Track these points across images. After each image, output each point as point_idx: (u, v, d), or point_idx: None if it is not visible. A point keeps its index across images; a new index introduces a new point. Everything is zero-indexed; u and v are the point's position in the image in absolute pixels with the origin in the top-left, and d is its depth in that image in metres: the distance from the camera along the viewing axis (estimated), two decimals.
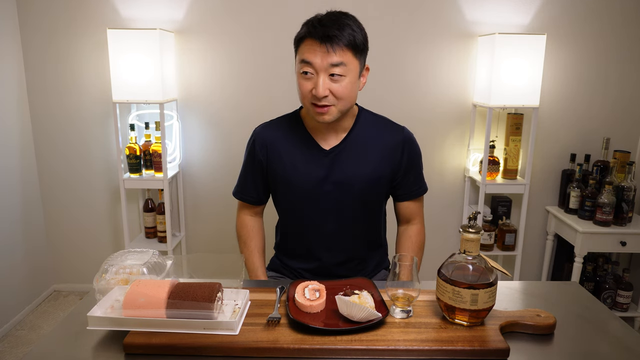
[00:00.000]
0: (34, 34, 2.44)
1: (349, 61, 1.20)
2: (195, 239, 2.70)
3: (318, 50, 1.18)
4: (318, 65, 1.19)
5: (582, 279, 2.39)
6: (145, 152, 2.38)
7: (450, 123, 2.53)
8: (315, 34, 1.18)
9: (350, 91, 1.23)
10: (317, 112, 1.24)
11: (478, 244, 0.99)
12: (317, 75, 1.20)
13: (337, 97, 1.22)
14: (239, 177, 1.47)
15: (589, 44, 2.42)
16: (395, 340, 0.94)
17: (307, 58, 1.20)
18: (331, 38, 1.17)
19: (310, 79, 1.21)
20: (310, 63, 1.19)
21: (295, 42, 1.27)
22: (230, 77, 2.48)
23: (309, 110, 1.26)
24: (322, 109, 1.23)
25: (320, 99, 1.21)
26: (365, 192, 1.35)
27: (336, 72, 1.19)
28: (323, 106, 1.22)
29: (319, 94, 1.20)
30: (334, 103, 1.22)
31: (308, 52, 1.20)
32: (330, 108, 1.23)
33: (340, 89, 1.21)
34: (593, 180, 2.28)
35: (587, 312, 1.12)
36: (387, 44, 2.41)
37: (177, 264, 1.24)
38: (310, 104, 1.24)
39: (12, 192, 2.42)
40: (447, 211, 2.63)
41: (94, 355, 0.93)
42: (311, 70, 1.20)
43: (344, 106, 1.25)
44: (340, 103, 1.23)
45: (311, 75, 1.21)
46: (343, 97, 1.22)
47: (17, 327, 2.40)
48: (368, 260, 1.47)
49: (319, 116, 1.24)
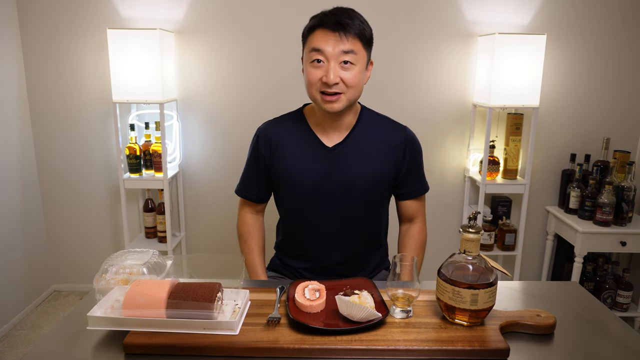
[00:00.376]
0: (34, 34, 2.44)
1: (359, 50, 1.23)
2: (195, 239, 2.70)
3: (331, 37, 1.20)
4: (329, 53, 1.21)
5: (582, 279, 2.39)
6: (145, 152, 2.38)
7: (450, 123, 2.53)
8: (327, 22, 1.21)
9: (359, 80, 1.25)
10: (326, 100, 1.24)
11: (478, 244, 0.99)
12: (328, 63, 1.21)
13: (347, 85, 1.23)
14: (242, 175, 1.47)
15: (589, 44, 2.42)
16: (395, 340, 0.94)
17: (319, 46, 1.21)
18: (343, 26, 1.20)
19: (321, 67, 1.23)
20: (322, 50, 1.21)
21: (305, 34, 1.28)
22: (230, 77, 2.48)
23: (317, 100, 1.26)
24: (332, 97, 1.23)
25: (331, 86, 1.22)
26: (366, 190, 1.35)
27: (347, 59, 1.21)
28: (333, 94, 1.23)
29: (330, 81, 1.21)
30: (343, 91, 1.24)
31: (319, 40, 1.22)
32: (340, 96, 1.24)
33: (350, 77, 1.22)
34: (593, 180, 2.28)
35: (587, 312, 1.12)
36: (387, 44, 2.41)
37: (177, 264, 1.24)
38: (318, 93, 1.25)
39: (12, 192, 2.42)
40: (447, 211, 2.63)
41: (94, 355, 0.93)
42: (322, 57, 1.22)
43: (353, 95, 1.26)
44: (350, 92, 1.24)
45: (322, 63, 1.22)
46: (352, 85, 1.24)
47: (17, 327, 2.40)
48: (368, 260, 1.47)
49: (328, 104, 1.25)
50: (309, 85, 1.26)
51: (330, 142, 1.35)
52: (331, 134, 1.35)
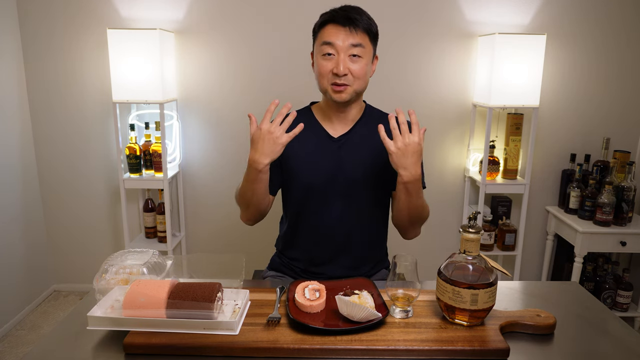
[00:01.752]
0: (34, 34, 2.44)
1: (366, 44, 1.33)
2: (195, 239, 2.70)
3: (341, 31, 1.30)
4: (339, 46, 1.30)
5: (582, 279, 2.39)
6: (145, 152, 2.38)
7: (450, 123, 2.53)
8: (337, 18, 1.31)
9: (366, 72, 1.34)
10: (335, 90, 1.33)
11: (478, 244, 0.99)
12: (338, 55, 1.30)
13: (355, 77, 1.32)
14: None
15: (589, 44, 2.42)
16: (395, 340, 0.94)
17: (330, 39, 1.31)
18: (353, 20, 1.30)
19: (331, 60, 1.31)
20: (332, 44, 1.30)
21: (316, 29, 1.37)
22: (230, 77, 2.48)
23: (327, 90, 1.34)
24: (340, 87, 1.32)
25: (341, 76, 1.30)
26: (369, 178, 1.39)
27: (356, 53, 1.30)
28: (342, 84, 1.31)
29: (339, 72, 1.29)
30: (351, 83, 1.32)
31: (330, 34, 1.31)
32: (347, 87, 1.32)
33: (358, 69, 1.31)
34: (593, 180, 2.28)
35: (587, 312, 1.12)
36: (387, 44, 2.40)
37: (177, 264, 1.25)
38: (329, 84, 1.33)
39: (12, 192, 2.42)
40: (447, 211, 2.63)
41: (94, 355, 0.93)
42: (333, 50, 1.31)
43: (359, 86, 1.34)
44: (356, 83, 1.33)
45: (332, 56, 1.31)
46: (359, 77, 1.33)
47: (17, 327, 2.40)
48: (368, 260, 1.48)
49: (336, 94, 1.33)
50: (320, 77, 1.34)
51: (336, 133, 1.42)
52: (337, 126, 1.42)
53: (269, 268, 1.57)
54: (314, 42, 1.38)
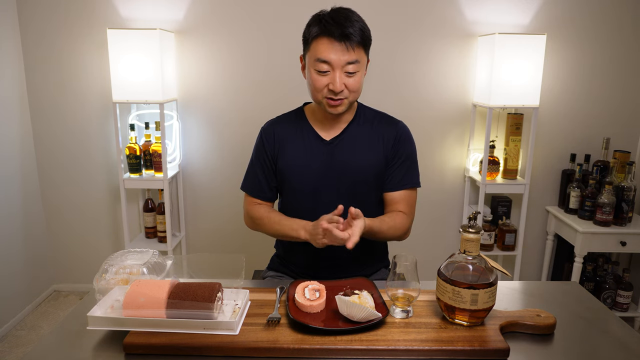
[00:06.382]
0: (34, 34, 2.44)
1: (361, 57, 1.30)
2: (195, 239, 2.70)
3: (337, 47, 1.25)
4: (335, 63, 1.26)
5: (582, 279, 2.39)
6: (145, 152, 2.38)
7: (450, 123, 2.53)
8: (332, 32, 1.24)
9: (361, 85, 1.34)
10: (331, 104, 1.32)
11: (478, 244, 0.99)
12: (334, 72, 1.27)
13: (350, 90, 1.31)
14: (249, 176, 1.48)
15: (589, 44, 2.42)
16: (395, 340, 0.94)
17: (325, 57, 1.26)
18: (348, 36, 1.24)
19: (326, 75, 1.28)
20: (328, 61, 1.26)
21: (308, 39, 1.31)
22: (230, 77, 2.48)
23: (323, 104, 1.33)
24: (336, 102, 1.31)
25: (337, 93, 1.29)
26: (362, 179, 1.38)
27: (351, 70, 1.28)
28: (338, 99, 1.30)
29: (336, 89, 1.27)
30: (347, 96, 1.31)
31: (325, 50, 1.26)
32: (343, 100, 1.32)
33: (354, 83, 1.30)
34: (593, 180, 2.28)
35: (587, 312, 1.12)
36: (386, 44, 2.41)
37: (177, 264, 1.25)
38: (324, 98, 1.32)
39: (12, 192, 2.42)
40: (447, 211, 2.63)
41: (94, 355, 0.93)
42: (328, 68, 1.27)
43: (354, 97, 1.34)
44: (352, 95, 1.32)
45: (327, 72, 1.28)
46: (355, 90, 1.32)
47: (17, 327, 2.40)
48: (368, 260, 1.48)
49: (332, 108, 1.32)
50: (314, 91, 1.32)
51: (328, 136, 1.41)
52: (329, 129, 1.42)
53: (269, 268, 1.57)
54: (306, 49, 1.33)
